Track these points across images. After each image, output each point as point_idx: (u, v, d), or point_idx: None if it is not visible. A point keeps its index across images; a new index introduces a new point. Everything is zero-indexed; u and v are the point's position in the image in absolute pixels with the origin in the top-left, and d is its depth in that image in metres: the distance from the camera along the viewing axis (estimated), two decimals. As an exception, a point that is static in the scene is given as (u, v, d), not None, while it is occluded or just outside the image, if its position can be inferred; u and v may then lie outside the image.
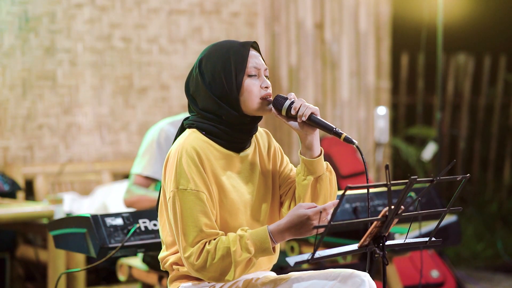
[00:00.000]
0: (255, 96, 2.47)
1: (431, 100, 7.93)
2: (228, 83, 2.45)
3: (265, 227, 2.39)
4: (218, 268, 2.37)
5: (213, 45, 2.53)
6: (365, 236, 2.31)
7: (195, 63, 2.53)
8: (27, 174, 5.41)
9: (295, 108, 2.47)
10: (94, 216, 3.11)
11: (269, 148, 2.62)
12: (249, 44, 2.50)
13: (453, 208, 2.41)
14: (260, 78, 2.50)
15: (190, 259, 2.38)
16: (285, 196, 2.61)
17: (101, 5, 5.71)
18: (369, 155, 6.52)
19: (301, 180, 2.53)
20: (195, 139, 2.46)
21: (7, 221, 4.34)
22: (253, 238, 2.38)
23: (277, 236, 2.38)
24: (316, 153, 2.52)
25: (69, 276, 4.68)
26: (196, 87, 2.50)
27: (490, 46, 8.50)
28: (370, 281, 2.43)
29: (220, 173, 2.47)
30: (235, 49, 2.48)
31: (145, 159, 3.82)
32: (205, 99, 2.47)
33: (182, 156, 2.42)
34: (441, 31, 5.64)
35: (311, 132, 2.50)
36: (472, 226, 7.27)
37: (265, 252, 2.38)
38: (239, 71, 2.46)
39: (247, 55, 2.47)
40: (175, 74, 5.98)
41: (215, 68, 2.46)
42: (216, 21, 6.13)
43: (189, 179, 2.40)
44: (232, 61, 2.46)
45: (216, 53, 2.48)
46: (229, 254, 2.36)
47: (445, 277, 5.19)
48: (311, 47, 6.39)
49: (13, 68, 5.41)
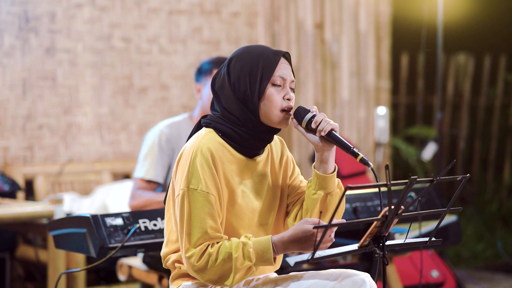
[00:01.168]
0: (275, 106, 2.46)
1: (431, 100, 7.93)
2: (251, 87, 2.45)
3: (269, 237, 2.39)
4: (217, 271, 2.37)
5: (246, 47, 2.53)
6: (365, 236, 2.31)
7: (225, 62, 2.53)
8: (27, 174, 5.40)
9: (316, 122, 2.46)
10: (94, 216, 3.11)
11: (281, 156, 2.61)
12: (281, 53, 2.49)
13: (453, 208, 2.41)
14: (285, 89, 2.48)
15: (191, 259, 2.38)
16: (292, 206, 2.61)
17: (101, 5, 5.71)
18: (369, 155, 6.52)
19: (311, 194, 2.53)
20: (211, 140, 2.46)
21: (7, 221, 4.34)
22: (255, 247, 2.38)
23: (279, 248, 2.38)
24: (330, 170, 2.52)
25: (69, 276, 4.68)
26: (221, 84, 2.50)
27: (490, 46, 8.50)
28: (371, 281, 2.43)
29: (231, 177, 2.47)
30: (266, 55, 2.47)
31: (146, 163, 3.81)
32: (227, 98, 2.48)
33: (196, 155, 2.41)
34: (441, 31, 5.64)
35: (328, 148, 2.50)
36: (472, 226, 7.27)
37: (266, 262, 2.38)
38: (265, 77, 2.45)
39: (276, 64, 2.47)
40: (175, 74, 5.98)
41: (242, 70, 2.46)
42: (216, 21, 6.13)
43: (201, 180, 2.39)
44: (260, 66, 2.45)
45: (247, 55, 2.48)
46: (230, 260, 2.36)
47: (445, 277, 5.19)
48: (311, 47, 6.39)
49: (13, 68, 5.41)
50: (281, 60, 2.48)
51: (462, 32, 8.38)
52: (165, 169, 3.80)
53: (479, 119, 8.24)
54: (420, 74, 7.96)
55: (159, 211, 3.28)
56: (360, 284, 2.40)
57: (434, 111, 7.51)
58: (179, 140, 3.82)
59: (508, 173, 8.24)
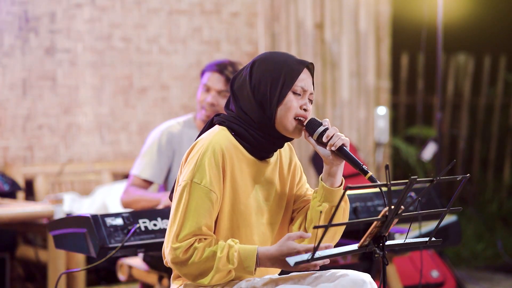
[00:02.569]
0: (291, 113, 2.46)
1: (431, 100, 7.93)
2: (271, 92, 2.46)
3: (255, 247, 2.39)
4: (198, 268, 2.38)
5: (271, 52, 2.54)
6: (365, 236, 2.31)
7: (248, 64, 2.54)
8: (27, 174, 5.41)
9: (328, 136, 2.47)
10: (94, 216, 3.11)
11: (290, 162, 2.62)
12: (306, 64, 2.50)
13: (453, 208, 2.41)
14: (304, 99, 2.49)
15: (177, 251, 2.37)
16: (297, 213, 2.62)
17: (101, 5, 5.71)
18: (369, 155, 6.52)
19: (316, 205, 2.53)
20: (223, 138, 2.46)
21: (7, 221, 4.34)
22: (240, 253, 2.38)
23: (263, 260, 2.39)
24: (337, 183, 2.53)
25: (69, 276, 4.68)
26: (241, 85, 2.51)
27: (490, 46, 8.50)
28: (371, 281, 2.43)
29: (239, 177, 2.47)
30: (290, 63, 2.48)
31: (144, 161, 3.81)
32: (246, 99, 2.49)
33: (207, 151, 2.42)
34: (441, 31, 5.64)
35: (338, 162, 2.50)
36: (472, 226, 7.27)
37: (245, 270, 2.39)
38: (287, 85, 2.46)
39: (299, 73, 2.48)
40: (175, 74, 5.98)
41: (265, 74, 2.47)
42: (216, 21, 6.13)
43: (206, 176, 2.40)
44: (283, 73, 2.46)
45: (271, 60, 2.50)
46: (213, 259, 2.37)
47: (445, 277, 5.19)
48: (311, 47, 6.39)
49: (13, 68, 5.41)
50: (304, 70, 2.50)
51: (462, 32, 8.38)
52: (163, 170, 3.80)
53: (479, 119, 8.24)
54: (420, 74, 7.96)
55: (159, 211, 3.28)
56: (360, 284, 2.40)
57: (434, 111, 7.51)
58: (180, 142, 3.82)
59: (508, 173, 8.24)
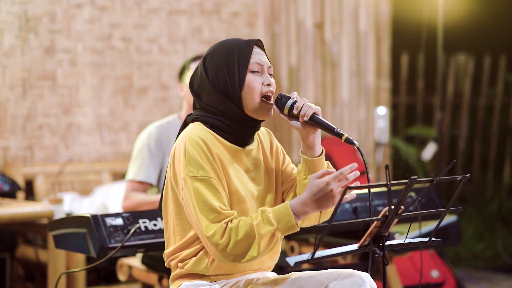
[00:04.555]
0: (256, 93, 2.47)
1: (431, 100, 7.93)
2: (230, 79, 2.46)
3: (287, 202, 2.37)
4: (242, 245, 2.34)
5: (218, 43, 2.54)
6: (365, 236, 2.31)
7: (200, 61, 2.54)
8: (27, 174, 5.40)
9: (298, 107, 2.47)
10: (94, 216, 3.11)
11: (271, 146, 2.63)
12: (253, 41, 2.51)
13: (453, 208, 2.41)
14: (263, 75, 2.50)
15: (214, 238, 2.35)
16: (286, 194, 2.62)
17: (101, 5, 5.71)
18: (369, 155, 6.52)
19: (302, 179, 2.54)
20: (201, 131, 2.46)
21: (7, 221, 4.34)
22: (275, 213, 2.36)
23: (300, 210, 2.36)
24: (317, 153, 2.54)
25: (69, 276, 4.68)
26: (200, 83, 2.51)
27: (490, 46, 8.50)
28: (371, 281, 2.43)
29: (226, 164, 2.47)
30: (239, 46, 2.49)
31: (136, 165, 3.81)
32: (209, 94, 2.48)
33: (190, 144, 2.41)
34: (441, 31, 5.64)
35: (313, 132, 2.50)
36: (472, 226, 7.27)
37: (287, 226, 2.35)
38: (242, 67, 2.46)
39: (250, 52, 2.48)
40: (175, 74, 5.97)
41: (219, 64, 2.47)
42: (216, 21, 6.13)
43: (198, 166, 2.39)
44: (235, 57, 2.47)
45: (220, 49, 2.50)
46: (252, 229, 2.34)
47: (445, 277, 5.19)
48: (311, 47, 6.39)
49: (13, 68, 5.41)
50: (254, 47, 2.50)
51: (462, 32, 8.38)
52: (156, 170, 3.80)
53: (479, 119, 8.24)
54: (420, 74, 7.96)
55: (159, 211, 3.28)
56: (360, 284, 2.40)
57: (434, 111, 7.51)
58: (168, 140, 3.83)
59: (508, 173, 8.24)
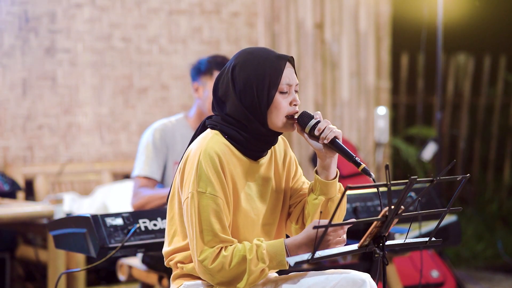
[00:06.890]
0: (282, 113, 2.45)
1: (431, 100, 7.93)
2: (259, 96, 2.43)
3: (282, 240, 2.40)
4: (232, 274, 2.37)
5: (249, 52, 2.49)
6: (365, 236, 2.31)
7: (226, 66, 2.50)
8: (27, 174, 5.40)
9: (319, 129, 2.46)
10: (94, 216, 3.11)
11: (285, 156, 2.61)
12: (286, 58, 2.47)
13: (453, 208, 2.41)
14: (291, 95, 2.48)
15: (205, 262, 2.37)
16: (294, 208, 2.61)
17: (101, 5, 5.71)
18: (369, 155, 6.52)
19: (312, 199, 2.53)
20: (217, 143, 2.44)
21: (7, 221, 4.34)
22: (269, 250, 2.38)
23: (292, 250, 2.39)
24: (332, 175, 2.53)
25: (69, 276, 4.68)
26: (225, 91, 2.48)
27: (490, 46, 8.50)
28: (371, 282, 2.43)
29: (237, 180, 2.47)
30: (271, 61, 2.45)
31: (141, 161, 3.82)
32: (234, 106, 2.46)
33: (204, 158, 2.40)
34: (441, 31, 5.64)
35: (331, 155, 2.50)
36: (472, 226, 7.27)
37: (278, 265, 2.39)
38: (272, 86, 2.44)
39: (281, 71, 2.45)
40: (175, 74, 5.98)
41: (248, 78, 2.44)
42: (216, 21, 6.13)
43: (209, 183, 2.39)
44: (266, 76, 2.43)
45: (252, 62, 2.45)
46: (244, 262, 2.36)
47: (445, 277, 5.19)
48: (311, 47, 6.39)
49: (13, 68, 5.41)
50: (286, 65, 2.47)
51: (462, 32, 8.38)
52: (161, 167, 3.81)
53: (479, 119, 8.24)
54: (420, 74, 7.96)
55: (159, 211, 3.28)
56: (360, 284, 2.40)
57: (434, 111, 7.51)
58: (173, 138, 3.83)
59: (508, 173, 8.24)
